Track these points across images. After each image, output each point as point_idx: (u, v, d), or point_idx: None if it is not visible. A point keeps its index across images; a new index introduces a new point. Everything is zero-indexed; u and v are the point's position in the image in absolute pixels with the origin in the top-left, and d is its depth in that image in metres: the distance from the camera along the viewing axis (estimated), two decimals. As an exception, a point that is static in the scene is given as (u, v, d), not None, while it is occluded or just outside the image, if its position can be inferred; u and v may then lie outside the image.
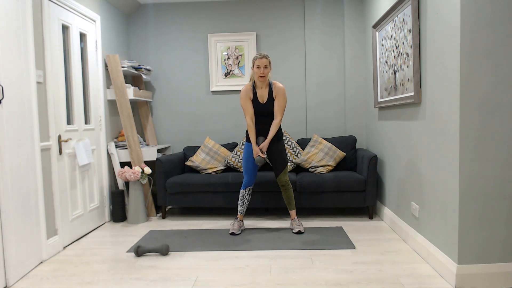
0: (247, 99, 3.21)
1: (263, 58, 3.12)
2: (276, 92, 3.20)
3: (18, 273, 2.46)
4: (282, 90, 3.20)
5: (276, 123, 3.20)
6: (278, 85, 3.21)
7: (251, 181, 3.28)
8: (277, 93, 3.20)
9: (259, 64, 3.12)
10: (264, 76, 3.14)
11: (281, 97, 3.20)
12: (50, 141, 2.89)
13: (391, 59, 3.19)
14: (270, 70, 3.19)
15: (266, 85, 3.24)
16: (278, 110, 3.21)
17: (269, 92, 3.22)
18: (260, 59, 3.12)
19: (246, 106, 3.22)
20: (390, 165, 3.38)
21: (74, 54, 3.33)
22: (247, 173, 3.27)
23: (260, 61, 3.12)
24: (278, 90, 3.20)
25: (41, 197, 2.73)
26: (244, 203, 3.31)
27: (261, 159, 3.10)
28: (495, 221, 2.16)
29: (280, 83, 3.25)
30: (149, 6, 4.53)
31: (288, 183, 3.27)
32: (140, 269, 2.57)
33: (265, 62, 3.12)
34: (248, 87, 3.24)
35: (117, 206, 3.78)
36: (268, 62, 3.15)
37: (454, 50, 2.15)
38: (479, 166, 2.13)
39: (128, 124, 3.88)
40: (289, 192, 3.29)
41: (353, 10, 4.26)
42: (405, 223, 3.00)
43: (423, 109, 2.59)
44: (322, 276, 2.38)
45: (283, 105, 3.22)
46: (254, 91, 3.24)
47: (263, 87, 3.23)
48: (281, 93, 3.20)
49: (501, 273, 2.16)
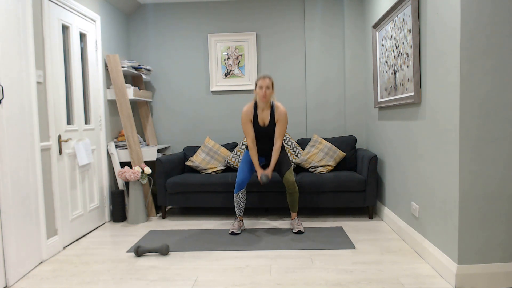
0: (247, 121, 3.23)
1: (266, 78, 3.13)
2: (278, 116, 3.20)
3: (18, 273, 2.46)
4: (284, 114, 3.20)
5: (277, 148, 3.21)
6: (280, 109, 3.20)
7: (244, 182, 3.26)
8: (278, 118, 3.21)
9: (261, 84, 3.12)
10: (266, 97, 3.14)
11: (283, 122, 3.21)
12: (50, 141, 2.89)
13: (391, 59, 3.19)
14: (273, 91, 3.20)
15: (268, 107, 3.23)
16: (278, 135, 3.22)
17: (270, 114, 3.23)
18: (262, 79, 3.13)
19: (246, 129, 3.23)
20: (390, 165, 3.38)
21: (74, 54, 3.33)
22: (242, 172, 3.27)
23: (263, 82, 3.12)
24: (280, 115, 3.20)
25: (41, 197, 2.73)
26: (240, 206, 3.31)
27: (266, 178, 3.12)
28: (495, 221, 2.16)
29: (282, 105, 3.23)
30: (149, 6, 4.53)
31: (295, 185, 3.24)
32: (140, 269, 2.57)
33: (267, 82, 3.12)
34: (250, 109, 3.23)
35: (117, 206, 3.78)
36: (271, 83, 3.16)
37: (454, 50, 2.15)
38: (479, 166, 2.13)
39: (128, 124, 3.88)
40: (295, 196, 3.28)
41: (353, 10, 4.26)
42: (405, 223, 3.00)
43: (423, 109, 2.59)
44: (322, 276, 2.38)
45: (284, 130, 3.23)
46: (255, 113, 3.24)
47: (265, 109, 3.23)
48: (282, 117, 3.20)
49: (501, 273, 2.16)
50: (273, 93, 3.22)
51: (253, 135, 3.23)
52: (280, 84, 4.50)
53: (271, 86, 3.15)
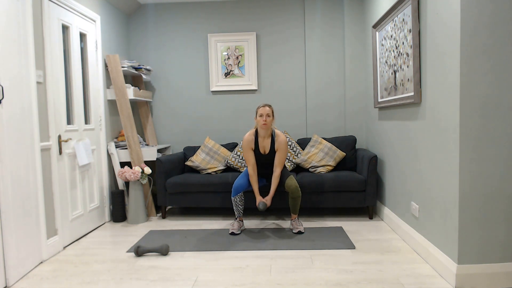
0: (248, 149, 3.29)
1: (266, 106, 3.20)
2: (278, 145, 3.26)
3: (18, 273, 2.46)
4: (284, 143, 3.26)
5: (276, 176, 3.25)
6: (281, 138, 3.26)
7: (241, 187, 3.25)
8: (278, 147, 3.26)
9: (261, 112, 3.19)
10: (267, 124, 3.19)
11: (283, 151, 3.26)
12: (50, 141, 2.89)
13: (391, 59, 3.19)
14: (273, 119, 3.26)
15: (269, 135, 3.29)
16: (278, 163, 3.26)
17: (271, 142, 3.28)
18: (262, 108, 3.20)
19: (247, 157, 3.29)
20: (390, 165, 3.38)
21: (74, 54, 3.33)
22: (241, 179, 3.30)
23: (263, 110, 3.19)
24: (280, 144, 3.25)
25: (41, 197, 2.73)
26: (239, 208, 3.31)
27: (264, 205, 3.14)
28: (495, 221, 2.16)
29: (282, 134, 3.29)
30: (149, 6, 4.53)
31: (298, 190, 3.23)
32: (140, 269, 2.57)
33: (267, 110, 3.19)
34: (251, 137, 3.30)
35: (117, 206, 3.77)
36: (271, 111, 3.23)
37: (454, 50, 2.15)
38: (479, 166, 2.13)
39: (128, 124, 3.88)
40: (297, 201, 3.28)
41: (353, 10, 4.26)
42: (405, 223, 3.00)
43: (423, 109, 2.59)
44: (322, 276, 2.38)
45: (284, 159, 3.28)
46: (256, 141, 3.29)
47: (266, 137, 3.29)
48: (282, 146, 3.25)
49: (501, 273, 2.16)
50: (274, 120, 3.29)
51: (254, 163, 3.28)
52: (280, 84, 4.50)
53: (271, 113, 3.23)
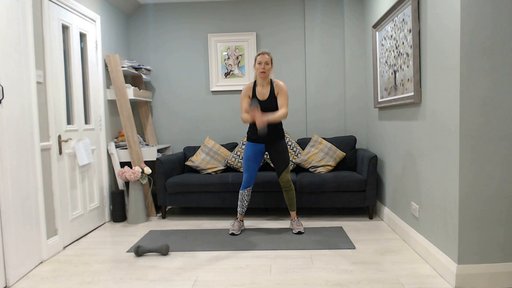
0: (245, 96, 3.23)
1: (265, 54, 3.12)
2: (278, 89, 3.19)
3: (18, 273, 2.46)
4: (284, 87, 3.19)
5: (280, 113, 3.10)
6: (280, 83, 3.20)
7: (251, 181, 3.27)
8: (279, 90, 3.19)
9: (260, 60, 3.12)
10: (265, 72, 3.12)
11: (284, 93, 3.18)
12: (50, 141, 2.89)
13: (391, 59, 3.19)
14: (271, 67, 3.18)
15: (268, 83, 3.22)
16: (282, 104, 3.17)
17: (270, 90, 3.21)
18: (261, 55, 3.12)
19: (243, 103, 3.22)
20: (390, 165, 3.38)
21: (74, 54, 3.33)
22: (248, 171, 3.25)
23: (262, 57, 3.12)
24: (280, 88, 3.19)
25: (41, 197, 2.73)
26: (244, 204, 3.30)
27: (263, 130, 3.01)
28: (495, 221, 2.16)
29: (281, 81, 3.23)
30: (149, 6, 4.53)
31: (290, 183, 3.26)
32: (140, 269, 2.57)
33: (266, 58, 3.11)
34: (249, 85, 3.25)
35: (117, 206, 3.77)
36: (270, 59, 3.14)
37: (454, 50, 2.15)
38: (479, 166, 2.13)
39: (128, 124, 3.88)
40: (291, 194, 3.29)
41: (353, 10, 4.26)
42: (405, 223, 3.00)
43: (423, 109, 2.59)
44: (322, 276, 2.38)
45: (286, 100, 3.19)
46: (254, 89, 3.23)
47: (264, 85, 3.21)
48: (283, 90, 3.18)
49: (501, 273, 2.16)
50: (272, 68, 3.21)
51: (247, 108, 3.20)
52: (280, 84, 4.50)
53: (270, 61, 3.14)
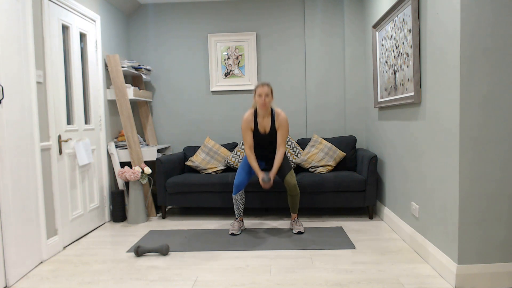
0: (247, 129, 3.22)
1: (265, 86, 3.13)
2: (279, 123, 3.21)
3: (18, 273, 2.46)
4: (285, 121, 3.21)
5: (280, 155, 3.19)
6: (281, 116, 3.20)
7: (242, 185, 3.25)
8: (280, 125, 3.21)
9: (260, 92, 3.12)
10: (266, 105, 3.14)
11: (284, 128, 3.21)
12: (50, 141, 2.89)
13: (391, 59, 3.19)
14: (272, 99, 3.20)
15: (269, 114, 3.23)
16: (281, 142, 3.21)
17: (271, 121, 3.23)
18: (261, 87, 3.13)
19: (245, 137, 3.23)
20: (390, 165, 3.38)
21: (74, 54, 3.33)
22: (240, 175, 3.27)
23: (262, 90, 3.12)
24: (281, 122, 3.20)
25: (41, 197, 2.73)
26: (239, 207, 3.30)
27: (268, 178, 3.07)
28: (495, 221, 2.16)
29: (282, 112, 3.24)
30: (149, 6, 4.53)
31: (296, 188, 3.23)
32: (140, 269, 2.57)
33: (266, 90, 3.12)
34: (250, 117, 3.23)
35: (117, 206, 3.77)
36: (270, 91, 3.15)
37: (454, 50, 2.15)
38: (479, 166, 2.13)
39: (128, 124, 3.88)
40: (296, 199, 3.27)
41: (353, 10, 4.26)
42: (405, 223, 3.00)
43: (423, 109, 2.59)
44: (322, 276, 2.38)
45: (286, 137, 3.23)
46: (256, 120, 3.24)
47: (266, 116, 3.23)
48: (284, 124, 3.20)
49: (501, 273, 2.16)
50: (273, 100, 3.23)
51: (251, 143, 3.23)
52: (280, 84, 4.50)
53: (270, 93, 3.16)
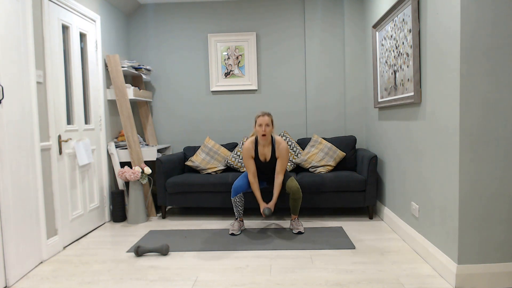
0: (248, 158, 3.26)
1: (265, 116, 3.16)
2: (279, 153, 3.23)
3: (18, 273, 2.46)
4: (285, 151, 3.23)
5: (278, 183, 3.22)
6: (282, 145, 3.23)
7: (241, 188, 3.25)
8: (280, 154, 3.23)
9: (261, 122, 3.15)
10: (266, 135, 3.16)
11: (284, 158, 3.23)
12: (50, 141, 2.89)
13: (391, 59, 3.19)
14: (272, 128, 3.22)
15: (269, 143, 3.26)
16: (280, 170, 3.23)
17: (272, 149, 3.25)
18: (261, 117, 3.16)
19: (248, 165, 3.27)
20: (390, 165, 3.38)
21: (74, 54, 3.33)
22: (241, 180, 3.30)
23: (262, 119, 3.15)
24: (282, 151, 3.22)
25: (41, 197, 2.73)
26: (239, 209, 3.30)
27: (269, 211, 3.12)
28: (495, 221, 2.16)
29: (283, 141, 3.27)
30: (149, 6, 4.53)
31: (299, 190, 3.22)
32: (140, 269, 2.57)
33: (266, 120, 3.15)
34: (251, 146, 3.26)
35: (117, 206, 3.77)
36: (270, 120, 3.19)
37: (454, 50, 2.15)
38: (479, 166, 2.13)
39: (128, 124, 3.88)
40: (298, 202, 3.27)
41: (353, 10, 4.26)
42: (405, 223, 3.00)
43: (423, 109, 2.59)
44: (322, 276, 2.38)
45: (285, 166, 3.26)
46: (256, 148, 3.28)
47: (266, 145, 3.26)
48: (284, 154, 3.22)
49: (501, 273, 2.16)
50: (273, 129, 3.26)
51: (254, 171, 3.26)
52: (280, 84, 4.50)
53: (270, 123, 3.19)
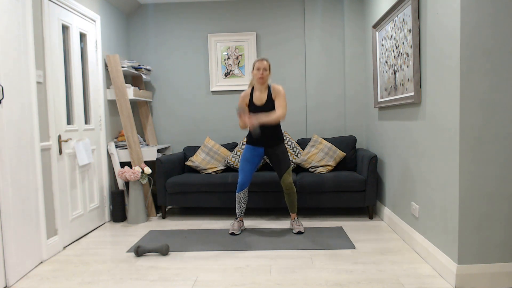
0: (242, 104, 3.28)
1: (263, 61, 3.17)
2: (276, 93, 3.20)
3: (18, 273, 2.46)
4: (281, 90, 3.21)
5: (276, 114, 3.11)
6: (277, 86, 3.22)
7: (246, 182, 3.25)
8: (276, 94, 3.20)
9: (259, 66, 3.16)
10: (263, 78, 3.16)
11: (281, 96, 3.19)
12: (50, 141, 2.89)
13: (391, 59, 3.19)
14: (269, 74, 3.21)
15: (265, 88, 3.25)
16: (279, 105, 3.16)
17: (268, 94, 3.23)
18: (260, 61, 3.16)
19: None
20: (390, 165, 3.38)
21: (74, 54, 3.33)
22: (243, 171, 3.25)
23: (260, 64, 3.15)
24: (278, 91, 3.20)
25: (41, 197, 2.73)
26: (242, 206, 3.29)
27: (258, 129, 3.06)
28: (495, 221, 2.16)
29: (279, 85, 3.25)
30: (149, 6, 4.53)
31: (292, 186, 3.24)
32: (140, 269, 2.57)
33: (264, 64, 3.16)
34: (246, 93, 3.28)
35: (117, 206, 3.77)
36: (268, 65, 3.18)
37: (454, 50, 2.15)
38: (479, 166, 2.13)
39: (128, 124, 3.88)
40: (292, 197, 3.27)
41: (353, 10, 4.26)
42: (405, 223, 3.00)
43: (423, 109, 2.59)
44: (322, 276, 2.38)
45: (284, 103, 3.19)
46: (251, 95, 3.26)
47: (262, 90, 3.24)
48: (280, 93, 3.20)
49: (501, 273, 2.16)
50: (270, 74, 3.24)
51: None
52: (280, 83, 4.50)
53: (268, 68, 3.19)
